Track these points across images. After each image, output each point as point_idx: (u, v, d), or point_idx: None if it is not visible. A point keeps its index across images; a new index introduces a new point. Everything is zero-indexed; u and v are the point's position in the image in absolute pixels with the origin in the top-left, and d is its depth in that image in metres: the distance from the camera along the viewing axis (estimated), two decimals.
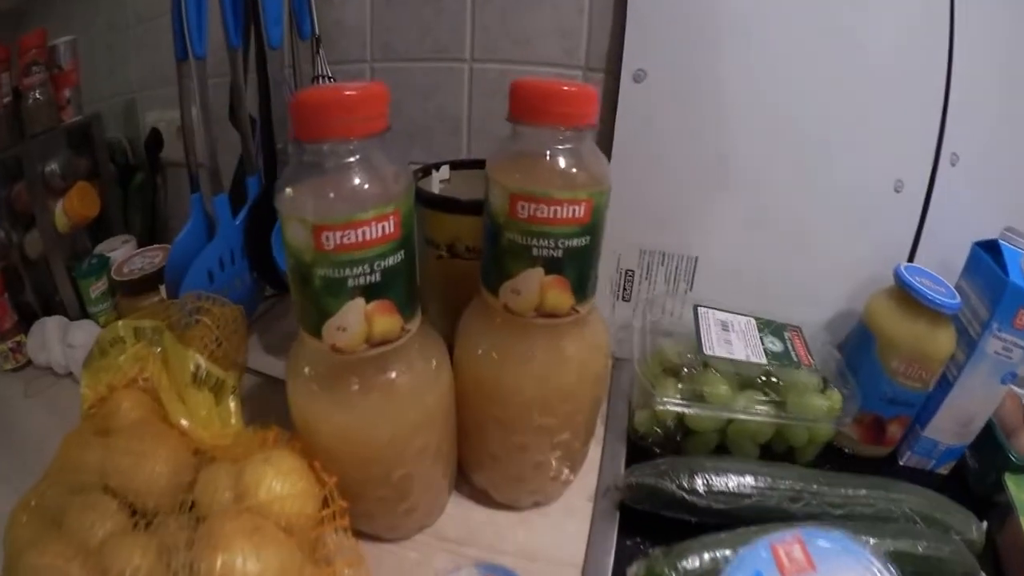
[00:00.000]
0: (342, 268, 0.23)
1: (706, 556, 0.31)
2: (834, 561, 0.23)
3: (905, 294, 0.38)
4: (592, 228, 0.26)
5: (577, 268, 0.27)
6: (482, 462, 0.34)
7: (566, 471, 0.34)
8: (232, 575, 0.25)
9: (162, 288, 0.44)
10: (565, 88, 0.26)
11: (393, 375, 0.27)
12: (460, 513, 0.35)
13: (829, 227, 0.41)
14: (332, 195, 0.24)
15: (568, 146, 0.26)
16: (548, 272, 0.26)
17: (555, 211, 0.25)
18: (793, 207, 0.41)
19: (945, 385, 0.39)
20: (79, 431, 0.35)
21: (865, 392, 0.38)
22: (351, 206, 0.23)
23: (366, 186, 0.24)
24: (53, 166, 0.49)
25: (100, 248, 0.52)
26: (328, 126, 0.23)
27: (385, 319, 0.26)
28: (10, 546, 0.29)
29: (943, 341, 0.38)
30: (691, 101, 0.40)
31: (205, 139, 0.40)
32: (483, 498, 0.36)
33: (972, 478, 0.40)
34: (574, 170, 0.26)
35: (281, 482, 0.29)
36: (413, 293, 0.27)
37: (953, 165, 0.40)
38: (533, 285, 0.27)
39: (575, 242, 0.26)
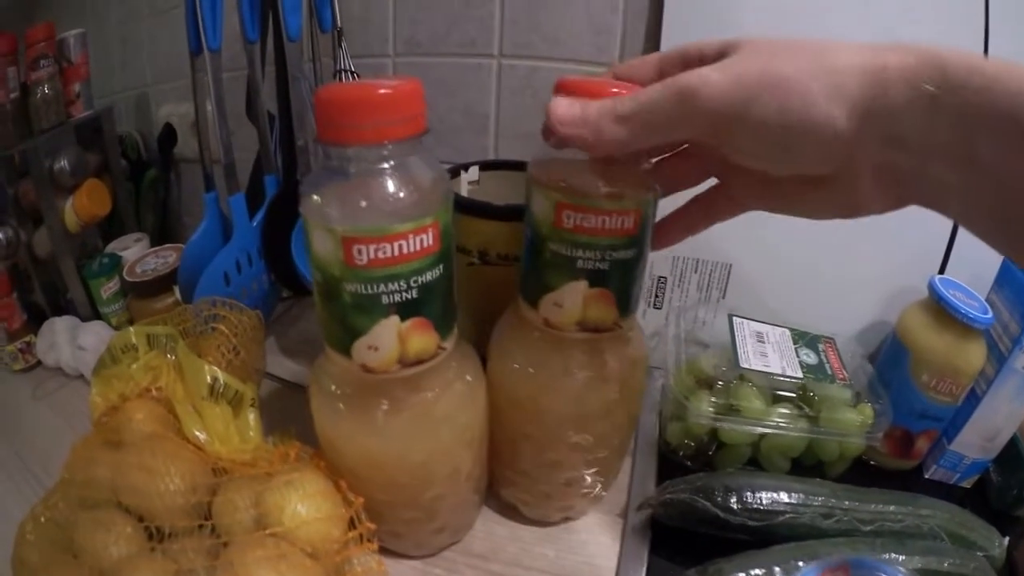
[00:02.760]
0: (375, 284, 0.20)
1: (740, 575, 0.29)
2: None
3: (938, 307, 0.35)
4: (639, 239, 0.24)
5: (623, 281, 0.24)
6: (513, 479, 0.31)
7: (599, 487, 0.31)
8: None
9: (176, 289, 0.41)
10: (615, 89, 0.22)
11: (427, 395, 0.24)
12: (488, 528, 0.32)
13: (862, 236, 0.38)
14: (364, 204, 0.20)
15: None
16: (592, 285, 0.24)
17: (603, 221, 0.22)
18: None
19: (973, 400, 0.36)
20: (88, 442, 0.32)
21: (896, 406, 0.36)
22: (386, 217, 0.20)
23: (402, 195, 0.20)
24: (62, 163, 0.45)
25: (111, 247, 0.48)
26: (360, 129, 0.19)
27: (421, 338, 0.23)
28: (21, 566, 0.26)
29: (974, 356, 0.35)
30: None
31: (220, 136, 0.36)
32: (511, 512, 0.33)
33: (994, 492, 0.38)
34: (622, 176, 0.23)
35: (306, 506, 0.26)
36: (451, 309, 0.24)
37: None
38: (576, 298, 0.24)
39: (622, 254, 0.23)
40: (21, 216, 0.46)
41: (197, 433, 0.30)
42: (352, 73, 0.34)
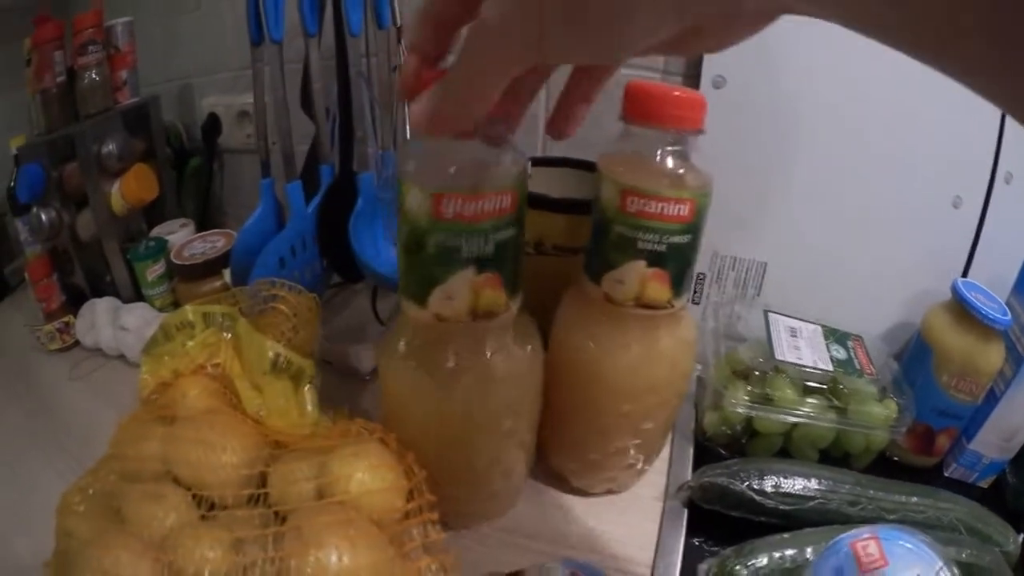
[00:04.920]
0: (458, 237, 0.22)
1: (775, 555, 0.31)
2: (904, 558, 0.24)
3: (961, 308, 0.37)
4: (694, 228, 0.26)
5: (677, 263, 0.27)
6: (564, 446, 0.33)
7: (641, 461, 0.33)
8: (326, 572, 0.24)
9: (225, 273, 0.42)
10: (677, 94, 0.25)
11: (490, 354, 0.27)
12: (530, 509, 0.34)
13: (891, 240, 0.40)
14: (453, 170, 0.22)
15: (676, 148, 0.26)
16: (650, 265, 0.26)
17: (662, 208, 0.25)
18: (858, 218, 0.40)
19: (992, 399, 0.38)
20: (137, 417, 0.32)
21: (919, 403, 0.37)
22: (474, 178, 0.22)
23: (492, 163, 0.23)
24: (110, 147, 0.46)
25: (157, 231, 0.49)
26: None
27: (491, 292, 0.25)
28: (66, 536, 0.27)
29: (993, 356, 0.37)
30: (766, 111, 0.39)
31: (281, 125, 0.37)
32: (554, 492, 0.34)
33: (1010, 493, 0.39)
34: (681, 171, 0.26)
35: (371, 476, 0.27)
36: (519, 273, 0.26)
37: (1008, 183, 0.40)
38: (635, 276, 0.27)
39: (677, 239, 0.26)
40: (64, 198, 0.47)
41: (257, 408, 0.31)
42: None
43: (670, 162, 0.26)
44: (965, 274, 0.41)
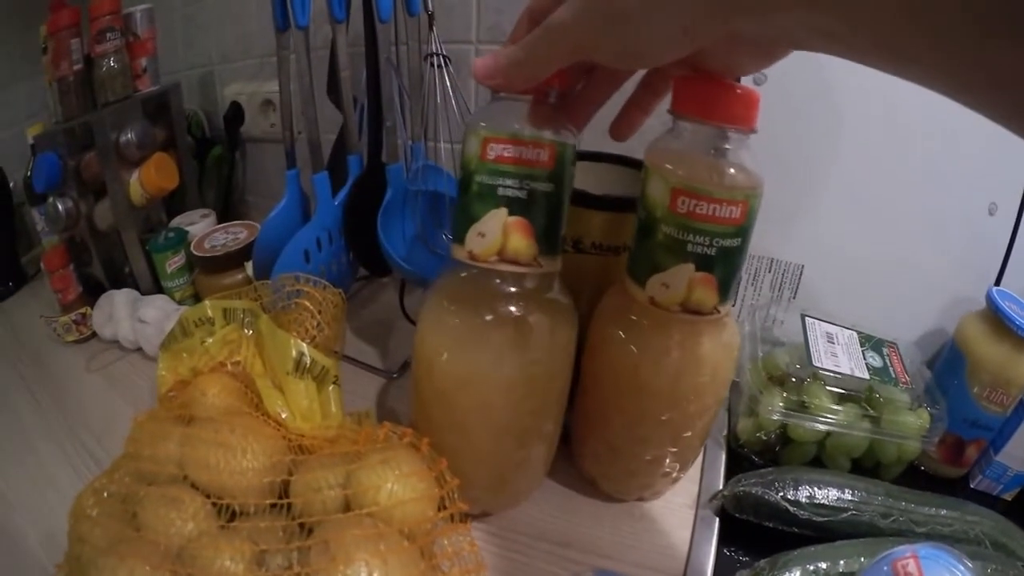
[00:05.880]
0: (496, 177, 0.23)
1: (809, 568, 0.28)
2: None
3: (995, 318, 0.35)
4: (744, 230, 0.24)
5: (726, 268, 0.24)
6: (599, 452, 0.31)
7: (677, 470, 0.31)
8: None
9: (247, 266, 0.39)
10: (736, 89, 0.22)
11: (524, 315, 0.25)
12: (560, 516, 0.31)
13: (925, 245, 0.38)
14: (518, 125, 0.23)
15: (729, 147, 0.23)
16: (698, 269, 0.24)
17: (714, 209, 0.23)
18: (893, 222, 0.38)
19: (1021, 411, 0.36)
20: (154, 416, 0.29)
21: (951, 413, 0.35)
22: (518, 127, 0.23)
23: (540, 125, 0.23)
24: (129, 135, 0.42)
25: (177, 221, 0.46)
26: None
27: (520, 237, 0.24)
28: (79, 541, 0.24)
29: None
30: (805, 110, 0.36)
31: (307, 114, 0.34)
32: (584, 499, 0.32)
33: None
34: (733, 171, 0.23)
35: (402, 485, 0.24)
36: (553, 232, 0.25)
37: None
38: (682, 281, 0.24)
39: (728, 242, 0.24)
40: (82, 188, 0.44)
41: (279, 410, 0.28)
42: (444, 57, 0.33)
43: (723, 161, 0.23)
44: (998, 281, 0.38)
